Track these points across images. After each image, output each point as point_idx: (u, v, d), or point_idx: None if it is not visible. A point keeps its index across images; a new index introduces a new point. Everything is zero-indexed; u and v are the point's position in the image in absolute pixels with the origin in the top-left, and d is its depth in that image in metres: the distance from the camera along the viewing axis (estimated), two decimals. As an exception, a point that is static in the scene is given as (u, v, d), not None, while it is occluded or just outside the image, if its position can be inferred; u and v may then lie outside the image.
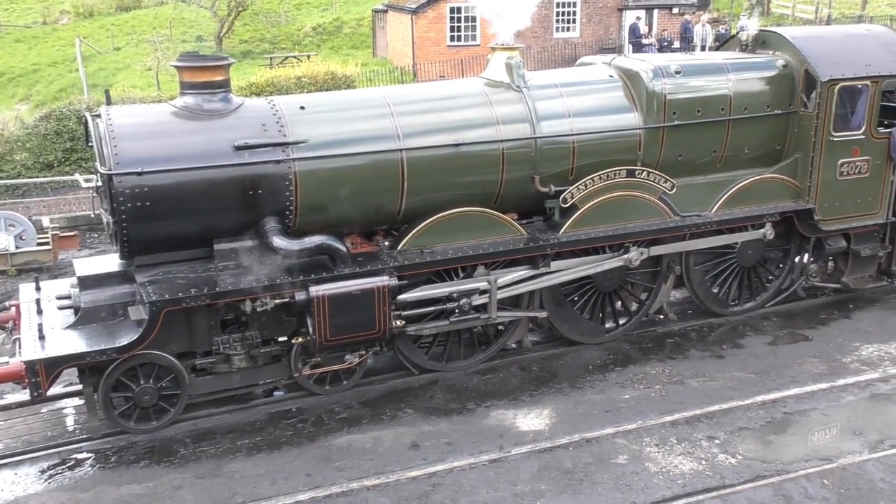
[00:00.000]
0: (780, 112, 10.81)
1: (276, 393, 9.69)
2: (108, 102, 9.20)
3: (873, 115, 10.91)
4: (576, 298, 10.55)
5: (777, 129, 10.91)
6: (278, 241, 8.72)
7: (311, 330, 8.79)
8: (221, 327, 8.93)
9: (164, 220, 8.58)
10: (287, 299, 8.78)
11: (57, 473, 8.16)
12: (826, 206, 11.01)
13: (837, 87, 10.58)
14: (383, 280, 8.94)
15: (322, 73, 22.90)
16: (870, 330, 11.02)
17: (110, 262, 9.42)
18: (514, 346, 10.66)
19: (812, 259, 11.69)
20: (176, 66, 8.95)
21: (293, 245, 8.75)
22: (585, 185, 9.89)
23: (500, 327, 10.37)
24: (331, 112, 9.43)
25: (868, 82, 10.74)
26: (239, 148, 8.65)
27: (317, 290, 8.70)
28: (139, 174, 8.30)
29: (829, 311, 11.73)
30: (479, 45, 31.12)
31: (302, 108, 9.25)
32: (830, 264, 12.25)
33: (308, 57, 30.02)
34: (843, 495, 7.51)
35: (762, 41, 11.41)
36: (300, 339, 9.03)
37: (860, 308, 11.78)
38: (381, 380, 9.94)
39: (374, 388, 9.76)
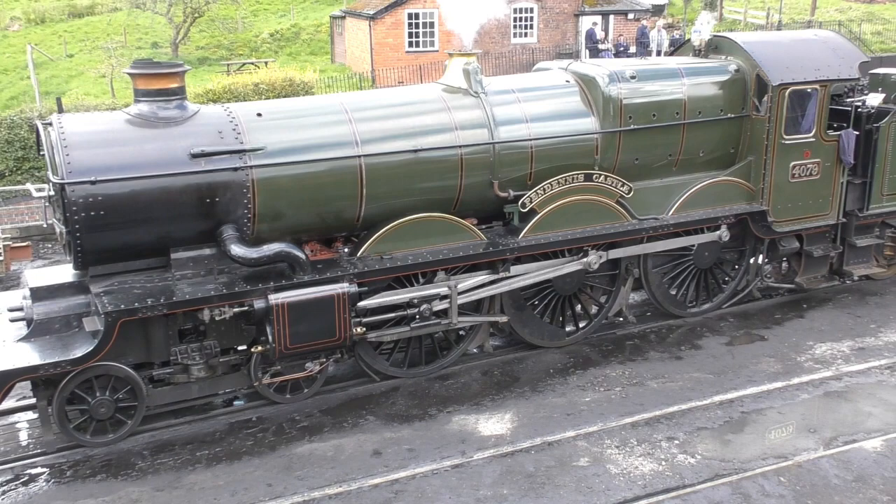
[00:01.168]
0: (733, 116, 10.99)
1: (235, 402, 9.60)
2: (61, 110, 9.07)
3: (823, 119, 11.14)
4: (536, 302, 10.61)
5: (731, 132, 11.09)
6: (236, 250, 8.64)
7: (270, 338, 8.71)
8: (179, 337, 8.82)
9: (119, 230, 8.44)
10: (246, 308, 8.70)
11: (10, 490, 7.98)
12: (779, 207, 11.21)
13: (788, 91, 10.78)
14: (343, 287, 8.90)
15: (280, 80, 22.76)
16: (823, 329, 11.23)
17: (64, 272, 9.25)
18: (475, 350, 10.69)
19: (766, 260, 11.88)
20: (130, 74, 8.83)
21: (251, 253, 8.68)
22: (544, 190, 9.95)
23: (461, 332, 10.38)
24: (288, 119, 9.38)
25: (817, 86, 10.97)
26: (195, 156, 8.56)
27: (276, 298, 8.63)
28: (92, 183, 8.17)
29: (783, 311, 11.94)
30: (437, 51, 31.17)
31: (259, 114, 9.18)
32: (784, 265, 12.46)
33: (266, 63, 29.85)
34: (799, 492, 7.64)
35: (715, 46, 11.60)
36: (260, 348, 8.95)
37: (813, 308, 12.00)
38: (343, 387, 9.89)
39: (335, 395, 9.71)
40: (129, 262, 8.81)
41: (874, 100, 11.58)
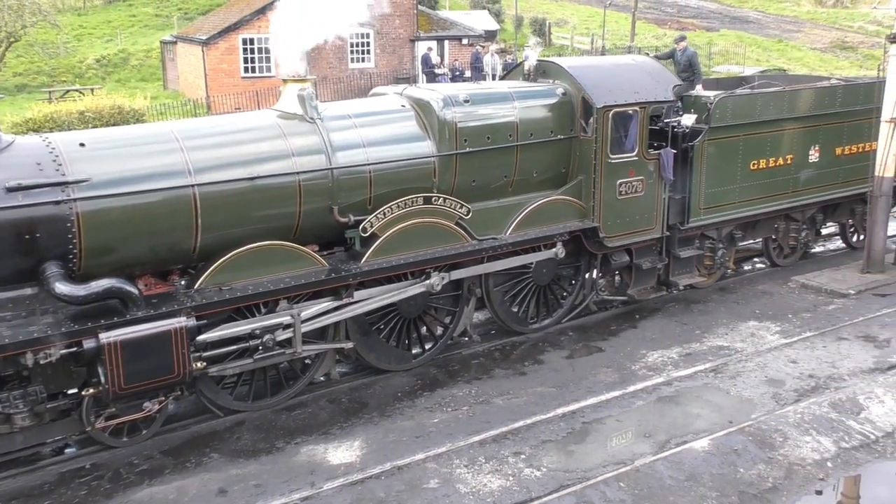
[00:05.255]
0: (562, 137, 11.47)
1: (67, 450, 9.03)
2: None
3: (644, 138, 11.81)
4: (381, 327, 10.61)
5: (561, 153, 11.55)
6: (61, 288, 8.14)
7: (103, 379, 8.25)
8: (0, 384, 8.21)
9: (-74, 272, 7.79)
10: (74, 349, 8.21)
11: None
12: (609, 223, 11.76)
13: (611, 112, 11.37)
14: (180, 321, 8.57)
15: (108, 107, 21.84)
16: (654, 338, 11.85)
17: None
18: (322, 378, 10.55)
19: (600, 274, 12.43)
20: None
21: (78, 290, 8.21)
22: (384, 214, 10.00)
23: (306, 361, 10.22)
24: (115, 148, 8.96)
25: (637, 108, 11.63)
26: (11, 189, 8.02)
27: (107, 337, 8.19)
28: None
29: (618, 322, 12.51)
30: (274, 77, 30.79)
31: (82, 144, 8.72)
32: (617, 278, 13.07)
33: (92, 90, 28.50)
34: (638, 495, 7.99)
35: (543, 70, 12.08)
36: (92, 390, 8.45)
37: (645, 318, 12.65)
38: (184, 425, 9.50)
39: (176, 434, 9.31)
40: (-60, 306, 8.14)
41: (688, 120, 12.40)
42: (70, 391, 8.69)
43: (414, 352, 11.00)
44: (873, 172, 13.94)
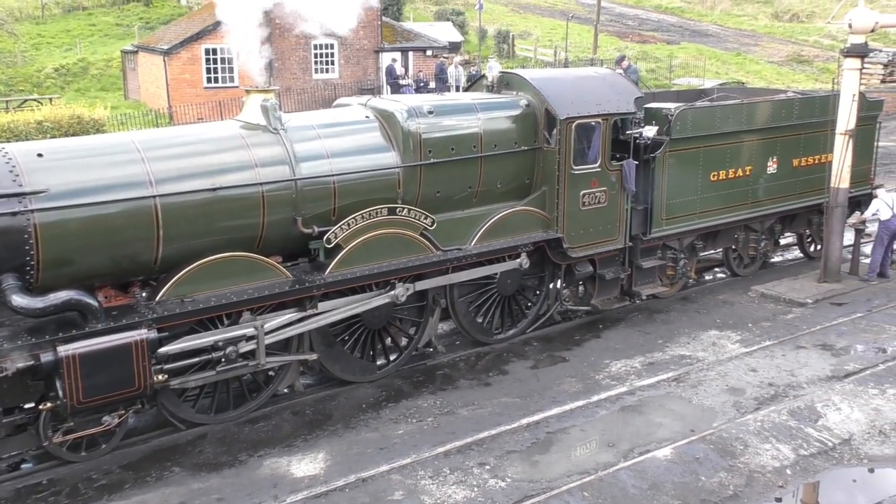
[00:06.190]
0: (526, 148, 11.54)
1: (23, 465, 8.84)
2: None
3: (606, 150, 11.93)
4: (346, 338, 10.57)
5: (525, 164, 11.62)
6: (18, 300, 8.00)
7: (61, 393, 8.11)
8: (-47, 400, 8.03)
9: None
10: (31, 362, 8.05)
11: None
12: (573, 234, 11.84)
13: (574, 124, 11.47)
14: (141, 333, 8.46)
15: (67, 117, 21.52)
16: (617, 347, 11.94)
17: None
18: (285, 391, 10.46)
19: (564, 284, 12.50)
20: None
21: (36, 303, 8.07)
22: (348, 225, 9.97)
23: (270, 373, 10.14)
24: (74, 159, 8.85)
25: (600, 119, 11.74)
26: (-34, 200, 7.88)
27: (66, 350, 8.06)
28: None
29: (582, 332, 12.59)
30: (237, 87, 30.62)
31: (40, 155, 8.60)
32: (581, 288, 13.15)
33: (50, 100, 28.05)
34: (602, 504, 8.05)
35: (506, 82, 12.16)
36: (49, 405, 8.31)
37: (608, 327, 12.74)
38: (145, 439, 9.37)
39: (136, 448, 9.17)
40: None
41: (649, 132, 12.54)
42: (27, 405, 8.51)
43: (379, 363, 10.96)
44: (829, 183, 14.23)
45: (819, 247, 15.67)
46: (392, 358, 11.10)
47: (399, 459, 8.83)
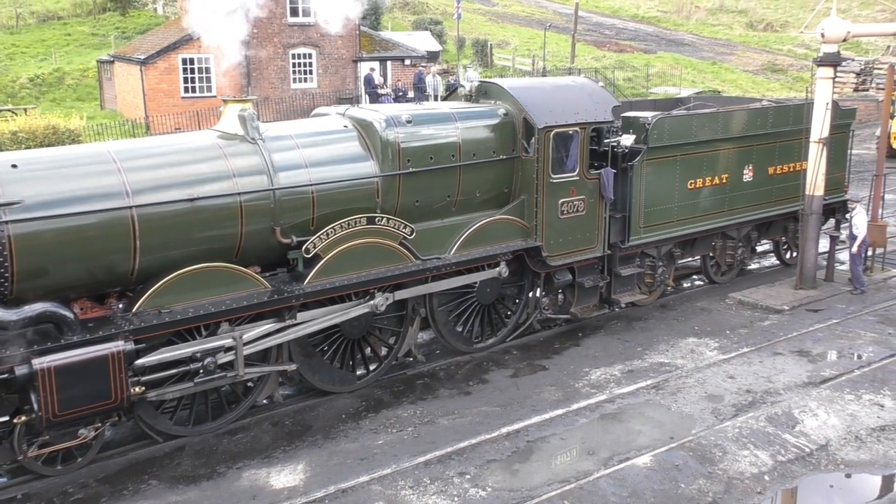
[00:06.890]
0: (505, 157, 11.57)
1: (-3, 481, 8.73)
2: None
3: (584, 158, 11.98)
4: (325, 348, 10.53)
5: (504, 173, 11.65)
6: (-8, 312, 7.90)
7: (36, 406, 8.01)
8: (-75, 414, 7.92)
9: None
10: (6, 375, 7.95)
11: None
12: (552, 242, 11.88)
13: (552, 133, 11.52)
14: (117, 345, 8.39)
15: (42, 128, 21.32)
16: (597, 355, 11.98)
17: None
18: (265, 402, 10.40)
19: (543, 293, 12.52)
20: None
21: (10, 315, 7.99)
22: (327, 235, 9.94)
23: (248, 384, 10.07)
24: (49, 170, 8.76)
25: (578, 128, 11.80)
26: (-61, 212, 7.79)
27: (41, 363, 7.97)
28: None
29: (561, 340, 12.62)
30: (215, 97, 30.49)
31: (14, 166, 8.52)
32: (560, 297, 13.18)
33: (25, 110, 27.78)
34: (583, 512, 8.05)
35: (484, 91, 12.20)
36: (24, 418, 8.21)
37: (588, 336, 12.78)
38: (122, 452, 9.28)
39: (113, 461, 9.07)
40: None
41: (627, 140, 12.62)
42: (1, 419, 8.40)
43: (358, 373, 10.93)
44: (804, 191, 14.38)
45: (795, 254, 15.82)
46: (372, 368, 11.06)
47: (379, 470, 8.79)
